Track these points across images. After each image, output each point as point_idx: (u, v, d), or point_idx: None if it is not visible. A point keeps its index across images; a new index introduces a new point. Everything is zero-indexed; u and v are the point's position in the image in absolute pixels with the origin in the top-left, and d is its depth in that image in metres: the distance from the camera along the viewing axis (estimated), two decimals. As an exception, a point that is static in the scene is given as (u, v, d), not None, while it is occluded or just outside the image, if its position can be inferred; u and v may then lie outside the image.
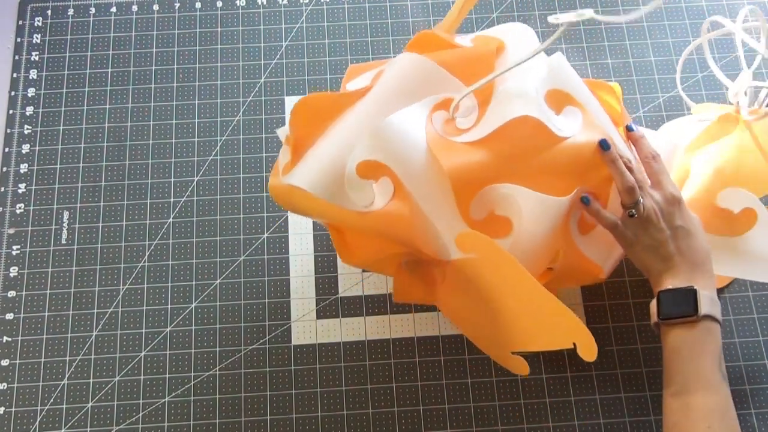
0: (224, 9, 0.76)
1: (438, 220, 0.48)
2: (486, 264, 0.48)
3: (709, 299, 0.49)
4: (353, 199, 0.49)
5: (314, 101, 0.51)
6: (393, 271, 0.55)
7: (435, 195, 0.48)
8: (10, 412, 0.62)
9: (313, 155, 0.50)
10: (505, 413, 0.61)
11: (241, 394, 0.62)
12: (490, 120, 0.49)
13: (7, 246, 0.67)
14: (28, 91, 0.72)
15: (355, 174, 0.48)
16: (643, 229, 0.51)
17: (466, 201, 0.48)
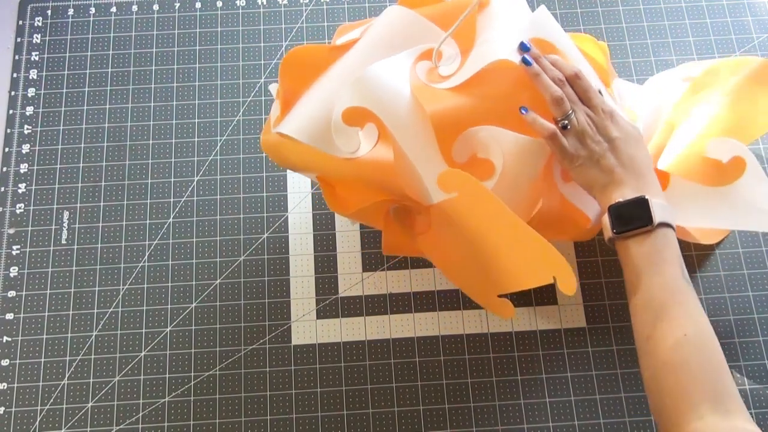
0: (224, 9, 0.76)
1: (422, 163, 0.49)
2: (467, 201, 0.49)
3: (660, 206, 0.48)
4: (340, 146, 0.50)
5: (303, 54, 0.52)
6: (381, 220, 0.56)
7: (418, 139, 0.49)
8: (10, 412, 0.62)
9: (301, 105, 0.51)
10: (505, 413, 0.61)
11: (241, 394, 0.62)
12: (471, 64, 0.50)
13: (7, 246, 0.67)
14: (28, 91, 0.72)
15: (341, 121, 0.49)
16: (580, 142, 0.50)
17: (448, 144, 0.49)
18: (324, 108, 0.50)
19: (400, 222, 0.56)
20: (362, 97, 0.49)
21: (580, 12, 0.75)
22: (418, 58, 0.51)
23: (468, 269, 0.54)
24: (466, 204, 0.49)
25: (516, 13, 0.53)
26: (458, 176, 0.48)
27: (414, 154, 0.49)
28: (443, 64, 0.51)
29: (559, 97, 0.50)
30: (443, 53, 0.51)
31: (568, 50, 0.52)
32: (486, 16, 0.52)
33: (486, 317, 0.64)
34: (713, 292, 0.65)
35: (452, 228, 0.52)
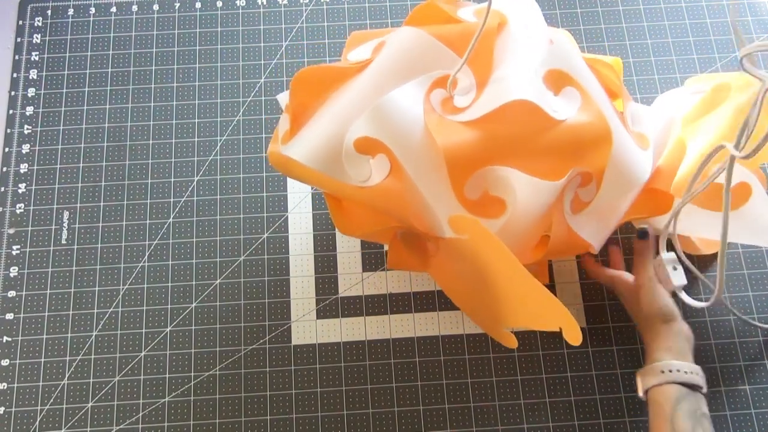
0: (224, 9, 0.76)
1: (432, 198, 0.49)
2: (476, 246, 0.49)
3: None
4: (350, 174, 0.49)
5: (315, 73, 0.52)
6: (388, 241, 0.56)
7: (430, 174, 0.48)
8: (10, 412, 0.62)
9: (311, 128, 0.50)
10: (505, 413, 0.61)
11: (241, 394, 0.62)
12: (487, 101, 0.49)
13: (7, 246, 0.67)
14: (28, 91, 0.72)
15: (353, 149, 0.49)
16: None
17: (461, 181, 0.49)
18: (335, 134, 0.49)
19: (407, 243, 0.56)
20: (375, 128, 0.48)
21: (579, 12, 0.75)
22: (432, 86, 0.50)
23: (473, 300, 0.54)
24: (475, 247, 0.49)
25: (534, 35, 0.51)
26: (469, 222, 0.48)
27: (425, 189, 0.49)
28: (458, 95, 0.50)
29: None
30: (458, 82, 0.50)
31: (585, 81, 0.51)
32: (503, 42, 0.51)
33: (486, 317, 0.64)
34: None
35: (460, 261, 0.51)
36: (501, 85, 0.49)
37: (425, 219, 0.50)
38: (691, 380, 0.51)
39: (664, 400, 0.51)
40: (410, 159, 0.48)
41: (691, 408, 0.50)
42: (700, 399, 0.51)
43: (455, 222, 0.49)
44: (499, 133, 0.49)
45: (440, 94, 0.50)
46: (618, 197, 0.52)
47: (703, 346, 0.63)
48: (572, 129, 0.49)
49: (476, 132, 0.48)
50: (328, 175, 0.49)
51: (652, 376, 0.52)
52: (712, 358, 0.63)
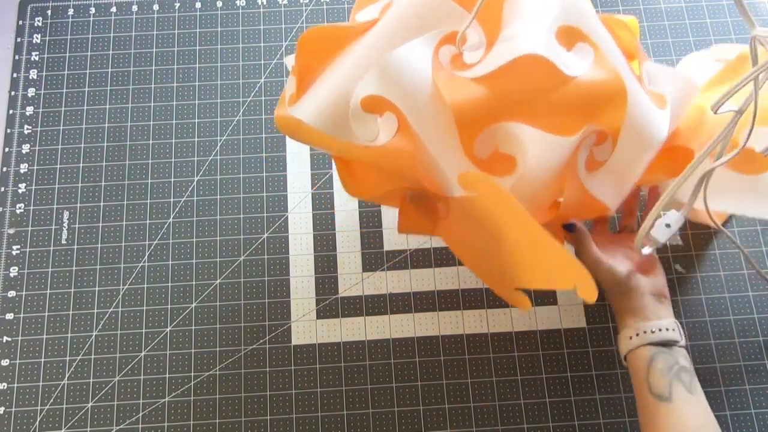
0: (224, 9, 0.76)
1: (441, 157, 0.48)
2: (488, 204, 0.47)
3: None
4: (357, 133, 0.48)
5: (321, 33, 0.50)
6: (398, 203, 0.55)
7: (439, 132, 0.47)
8: (10, 412, 0.62)
9: (318, 88, 0.49)
10: (505, 413, 0.61)
11: (241, 394, 0.62)
12: (497, 55, 0.47)
13: (7, 246, 0.67)
14: (28, 91, 0.72)
15: (360, 108, 0.48)
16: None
17: (470, 138, 0.47)
18: (342, 93, 0.48)
19: (417, 205, 0.55)
20: (383, 85, 0.47)
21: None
22: (440, 42, 0.48)
23: (485, 260, 0.53)
24: (486, 205, 0.48)
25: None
26: (480, 179, 0.47)
27: (434, 147, 0.47)
28: (467, 51, 0.49)
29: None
30: (467, 38, 0.49)
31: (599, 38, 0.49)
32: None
33: (486, 317, 0.64)
34: (713, 293, 0.65)
35: (471, 221, 0.50)
36: (511, 40, 0.47)
37: (434, 178, 0.49)
38: (662, 338, 0.50)
39: (639, 364, 0.50)
40: (418, 116, 0.47)
41: (665, 365, 0.49)
42: (677, 352, 0.50)
43: (465, 179, 0.47)
44: (510, 89, 0.47)
45: (449, 50, 0.49)
46: (634, 157, 0.51)
47: (703, 346, 0.63)
48: (585, 85, 0.48)
49: (486, 88, 0.47)
50: (335, 135, 0.48)
51: (623, 344, 0.52)
52: (712, 358, 0.63)
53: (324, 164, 0.70)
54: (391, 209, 0.68)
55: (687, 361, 0.50)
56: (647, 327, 0.51)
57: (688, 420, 0.48)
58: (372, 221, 0.67)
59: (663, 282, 0.54)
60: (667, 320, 0.51)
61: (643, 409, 0.50)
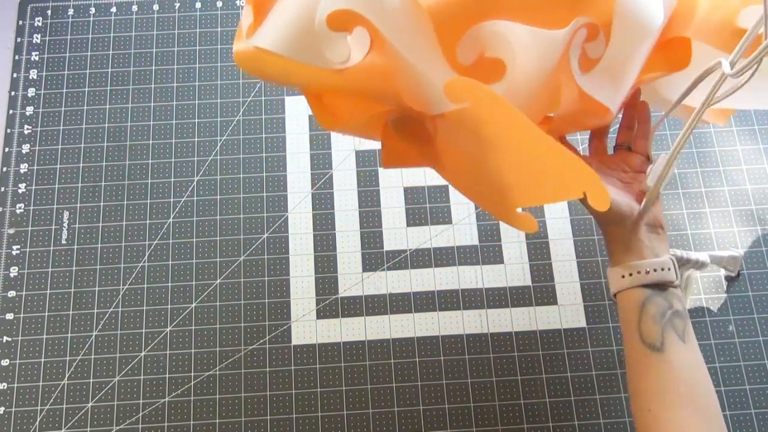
0: (224, 9, 0.76)
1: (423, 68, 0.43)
2: (481, 113, 0.43)
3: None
4: (327, 56, 0.43)
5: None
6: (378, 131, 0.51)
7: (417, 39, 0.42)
8: (10, 412, 0.62)
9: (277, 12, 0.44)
10: (505, 413, 0.61)
11: (241, 394, 0.62)
12: None
13: (7, 246, 0.67)
14: (28, 91, 0.72)
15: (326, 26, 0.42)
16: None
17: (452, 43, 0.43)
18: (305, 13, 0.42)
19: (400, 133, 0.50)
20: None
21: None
22: None
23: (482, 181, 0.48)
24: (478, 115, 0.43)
25: None
26: (468, 85, 0.41)
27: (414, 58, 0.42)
28: None
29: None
30: None
31: None
32: None
33: (486, 317, 0.64)
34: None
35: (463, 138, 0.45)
36: None
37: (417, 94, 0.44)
38: (656, 279, 0.46)
39: (629, 307, 0.47)
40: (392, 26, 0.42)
41: (658, 310, 0.46)
42: (671, 295, 0.47)
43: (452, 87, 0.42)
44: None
45: None
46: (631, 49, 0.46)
47: (702, 347, 0.63)
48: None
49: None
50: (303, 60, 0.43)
51: (614, 282, 0.48)
52: (712, 358, 0.63)
53: (324, 164, 0.70)
54: (390, 208, 0.68)
55: (681, 303, 0.47)
56: (641, 267, 0.47)
57: (680, 372, 0.45)
58: (372, 221, 0.68)
59: (659, 210, 0.50)
60: (663, 257, 0.47)
61: (633, 355, 0.47)
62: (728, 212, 0.67)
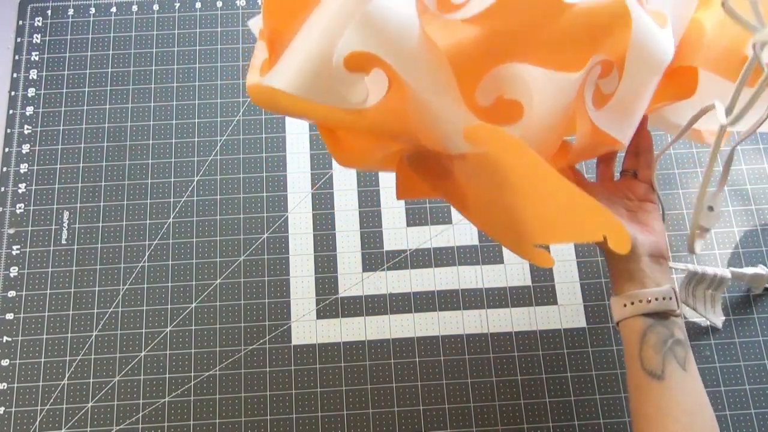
0: (224, 9, 0.76)
1: (441, 110, 0.43)
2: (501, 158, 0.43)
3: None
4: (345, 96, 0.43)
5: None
6: (394, 167, 0.51)
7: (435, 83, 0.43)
8: (10, 412, 0.62)
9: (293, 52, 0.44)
10: (505, 413, 0.61)
11: (241, 394, 0.62)
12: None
13: (7, 246, 0.67)
14: (28, 91, 0.72)
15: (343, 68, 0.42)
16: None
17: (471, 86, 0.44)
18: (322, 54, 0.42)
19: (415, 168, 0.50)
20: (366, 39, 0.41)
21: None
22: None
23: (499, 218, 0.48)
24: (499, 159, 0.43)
25: None
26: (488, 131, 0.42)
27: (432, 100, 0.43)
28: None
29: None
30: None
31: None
32: None
33: (486, 317, 0.64)
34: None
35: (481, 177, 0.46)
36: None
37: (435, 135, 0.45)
38: (658, 308, 0.47)
39: (631, 336, 0.47)
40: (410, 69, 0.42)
41: (659, 339, 0.46)
42: (672, 324, 0.47)
43: (472, 133, 0.43)
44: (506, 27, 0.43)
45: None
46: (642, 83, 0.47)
47: (702, 346, 0.63)
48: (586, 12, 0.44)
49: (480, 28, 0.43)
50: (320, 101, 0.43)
51: (616, 310, 0.49)
52: (712, 358, 0.63)
53: (324, 164, 0.70)
54: (390, 208, 0.68)
55: (682, 332, 0.48)
56: (642, 295, 0.48)
57: (681, 400, 0.46)
58: (372, 221, 0.68)
59: (663, 241, 0.50)
60: (665, 287, 0.48)
61: (634, 382, 0.47)
62: (728, 212, 0.67)
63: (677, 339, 0.47)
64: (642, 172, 0.54)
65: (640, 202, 0.53)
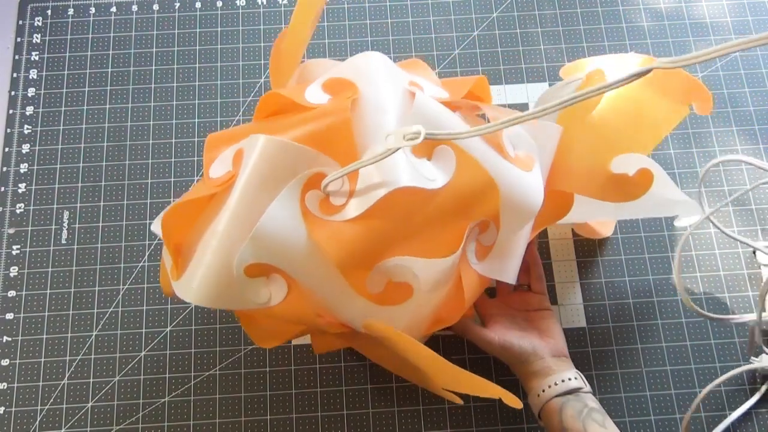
0: (224, 9, 0.76)
1: (337, 303, 0.48)
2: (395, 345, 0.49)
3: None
4: (251, 299, 0.48)
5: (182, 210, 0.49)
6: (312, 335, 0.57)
7: (327, 282, 0.47)
8: (10, 412, 0.62)
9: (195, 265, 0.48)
10: (505, 413, 0.61)
11: (241, 394, 0.62)
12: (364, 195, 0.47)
13: (7, 246, 0.67)
14: (28, 91, 0.72)
15: (244, 276, 0.47)
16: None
17: (360, 280, 0.48)
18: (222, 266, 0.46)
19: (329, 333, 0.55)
20: (260, 252, 0.46)
21: (580, 12, 0.75)
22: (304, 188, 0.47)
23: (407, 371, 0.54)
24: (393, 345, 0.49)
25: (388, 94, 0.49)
26: (383, 330, 0.48)
27: (328, 298, 0.48)
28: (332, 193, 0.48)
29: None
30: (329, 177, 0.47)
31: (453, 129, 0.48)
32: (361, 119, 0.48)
33: (486, 317, 0.64)
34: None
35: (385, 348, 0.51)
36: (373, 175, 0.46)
37: (339, 320, 0.50)
38: (567, 387, 0.53)
39: (552, 416, 0.52)
40: (303, 274, 0.47)
41: (575, 409, 0.51)
42: (584, 397, 0.53)
43: (369, 328, 0.49)
44: (384, 225, 0.47)
45: (315, 195, 0.48)
46: (519, 229, 0.52)
47: (703, 346, 0.63)
48: (455, 191, 0.48)
49: (361, 228, 0.46)
50: (228, 306, 0.48)
51: (533, 403, 0.54)
52: (712, 358, 0.63)
53: (324, 164, 0.70)
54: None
55: (595, 403, 0.53)
56: (550, 381, 0.53)
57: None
58: (372, 221, 0.67)
59: (562, 344, 0.57)
60: (569, 372, 0.54)
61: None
62: (728, 212, 0.67)
63: (592, 407, 0.52)
64: (534, 284, 0.60)
65: (536, 311, 0.58)
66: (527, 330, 0.57)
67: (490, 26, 0.75)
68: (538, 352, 0.55)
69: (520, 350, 0.55)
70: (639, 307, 0.64)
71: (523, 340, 0.55)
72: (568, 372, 0.54)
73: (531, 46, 0.74)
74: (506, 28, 0.75)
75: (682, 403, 0.61)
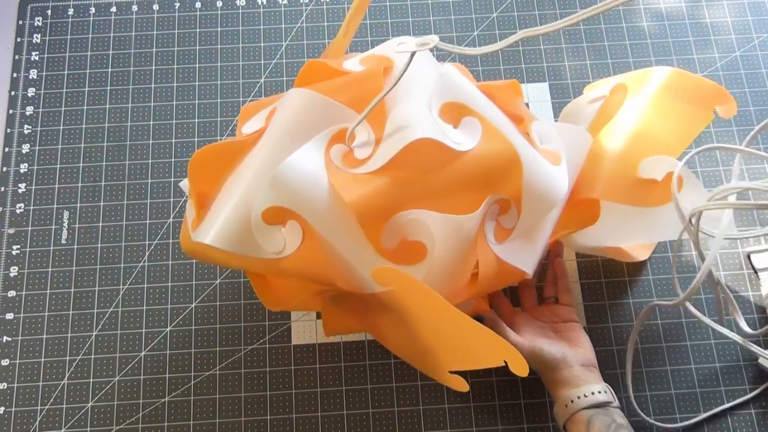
0: (224, 9, 0.76)
1: (351, 256, 0.48)
2: (405, 295, 0.48)
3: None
4: (264, 247, 0.48)
5: (209, 154, 0.50)
6: (320, 308, 0.56)
7: (344, 232, 0.48)
8: (10, 412, 0.62)
9: (217, 210, 0.49)
10: (505, 413, 0.61)
11: (241, 394, 0.62)
12: (387, 147, 0.48)
13: (7, 246, 0.67)
14: (28, 91, 0.72)
15: (261, 222, 0.48)
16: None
17: (376, 232, 0.48)
18: (241, 210, 0.48)
19: (339, 306, 0.55)
20: (279, 196, 0.47)
21: (580, 12, 0.75)
22: (330, 142, 0.49)
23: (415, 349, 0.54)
24: (403, 297, 0.48)
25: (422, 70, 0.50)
26: (392, 273, 0.48)
27: (342, 247, 0.48)
28: (358, 147, 0.49)
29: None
30: (357, 135, 0.49)
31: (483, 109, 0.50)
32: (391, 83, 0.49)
33: (486, 317, 0.64)
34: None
35: (392, 313, 0.51)
36: (398, 128, 0.48)
37: (349, 277, 0.50)
38: (596, 401, 0.52)
39: (577, 428, 0.52)
40: (321, 221, 0.47)
41: (603, 423, 0.51)
42: (613, 412, 0.52)
43: (378, 275, 0.48)
44: (406, 177, 0.48)
45: (340, 149, 0.49)
46: (540, 218, 0.52)
47: (703, 346, 0.63)
48: (478, 158, 0.49)
49: (382, 180, 0.47)
50: (241, 253, 0.48)
51: (560, 415, 0.54)
52: (712, 358, 0.63)
53: (324, 164, 0.70)
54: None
55: (623, 419, 0.52)
56: (579, 392, 0.53)
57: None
58: (372, 221, 0.67)
59: (591, 354, 0.56)
60: (599, 385, 0.53)
61: None
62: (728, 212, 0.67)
63: (620, 423, 0.51)
64: (561, 296, 0.60)
65: (564, 323, 0.58)
66: (556, 339, 0.57)
67: (490, 26, 0.75)
68: (567, 359, 0.55)
69: (549, 356, 0.54)
70: (639, 307, 0.64)
71: (553, 346, 0.55)
72: (598, 385, 0.53)
73: (531, 46, 0.74)
74: (506, 28, 0.75)
75: (683, 403, 0.61)
